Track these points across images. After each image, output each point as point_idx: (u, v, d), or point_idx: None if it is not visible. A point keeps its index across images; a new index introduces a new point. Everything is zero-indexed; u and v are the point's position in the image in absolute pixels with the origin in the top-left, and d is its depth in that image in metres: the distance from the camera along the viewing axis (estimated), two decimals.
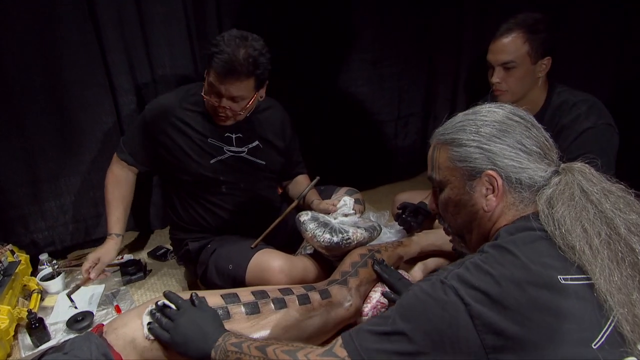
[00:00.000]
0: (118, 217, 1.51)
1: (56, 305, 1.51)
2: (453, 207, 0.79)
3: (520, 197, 0.74)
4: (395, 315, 0.69)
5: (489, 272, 0.65)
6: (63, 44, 1.61)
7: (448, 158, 0.77)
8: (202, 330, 0.91)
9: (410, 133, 2.44)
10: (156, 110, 1.45)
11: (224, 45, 1.26)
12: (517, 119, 0.75)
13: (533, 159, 0.73)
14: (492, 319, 0.62)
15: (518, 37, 1.32)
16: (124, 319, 1.05)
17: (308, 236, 1.35)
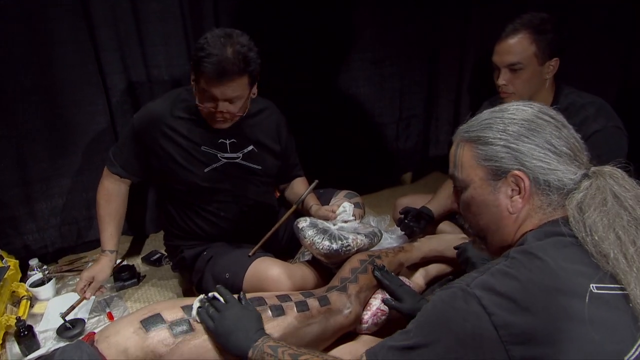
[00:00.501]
0: (111, 233, 1.45)
1: (46, 312, 1.47)
2: (475, 208, 0.76)
3: (548, 200, 0.70)
4: (416, 328, 0.67)
5: (516, 279, 0.62)
6: (55, 42, 1.58)
7: (472, 156, 0.74)
8: (245, 327, 0.94)
9: (411, 135, 2.41)
10: (146, 119, 1.38)
11: (210, 48, 1.19)
12: (547, 118, 0.72)
13: (563, 160, 0.70)
14: (519, 329, 0.59)
15: (525, 37, 1.29)
16: (117, 326, 1.01)
17: (307, 243, 1.33)
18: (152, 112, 1.38)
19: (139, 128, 1.38)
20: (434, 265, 1.51)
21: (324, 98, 2.11)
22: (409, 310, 1.13)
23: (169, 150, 1.37)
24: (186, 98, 1.39)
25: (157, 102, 1.42)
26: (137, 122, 1.39)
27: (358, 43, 2.07)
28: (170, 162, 1.38)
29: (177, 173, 1.39)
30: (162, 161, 1.39)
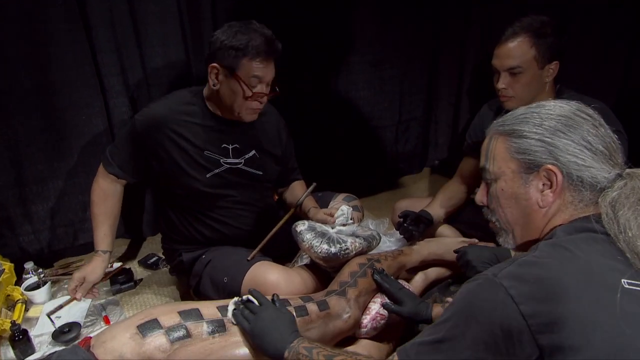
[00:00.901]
0: (105, 233, 1.42)
1: (41, 316, 1.46)
2: (505, 200, 0.76)
3: (580, 196, 0.70)
4: (444, 321, 0.67)
5: (545, 269, 0.62)
6: (52, 43, 1.56)
7: (506, 149, 0.75)
8: (280, 329, 0.95)
9: (411, 138, 2.41)
10: (148, 121, 1.34)
11: (249, 32, 1.23)
12: (585, 116, 0.72)
13: (598, 158, 0.70)
14: (547, 318, 0.58)
15: (524, 41, 1.29)
16: (113, 331, 1.00)
17: (305, 247, 1.32)
18: (155, 114, 1.35)
19: (141, 129, 1.34)
20: (433, 269, 1.51)
21: (324, 101, 2.11)
22: (409, 313, 1.12)
23: (172, 153, 1.34)
24: (191, 101, 1.36)
25: (160, 103, 1.38)
26: (139, 123, 1.35)
27: (358, 46, 2.07)
28: (172, 165, 1.35)
29: (179, 177, 1.36)
30: (164, 164, 1.36)
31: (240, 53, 1.23)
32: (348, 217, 1.42)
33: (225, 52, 1.24)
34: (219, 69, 1.27)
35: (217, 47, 1.25)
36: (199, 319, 1.01)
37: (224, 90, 1.29)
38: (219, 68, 1.26)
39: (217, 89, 1.30)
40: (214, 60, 1.27)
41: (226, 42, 1.24)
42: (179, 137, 1.34)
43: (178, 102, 1.37)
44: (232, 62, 1.24)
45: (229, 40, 1.23)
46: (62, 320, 1.43)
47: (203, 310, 1.03)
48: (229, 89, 1.28)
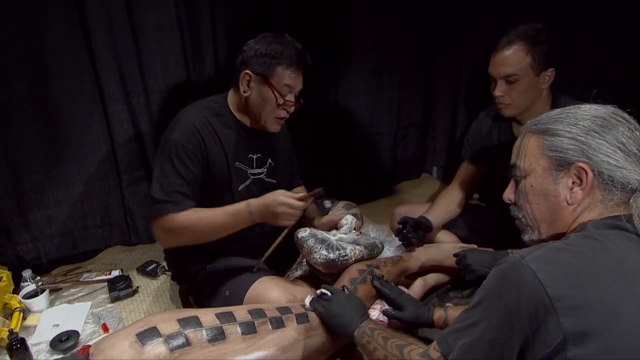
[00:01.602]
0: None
1: (39, 324, 1.45)
2: (533, 196, 0.78)
3: (610, 195, 0.71)
4: (474, 305, 0.70)
5: (576, 255, 0.63)
6: (51, 51, 1.57)
7: (538, 146, 0.77)
8: (351, 312, 1.05)
9: (409, 144, 2.42)
10: (192, 133, 1.25)
11: (283, 43, 1.26)
12: (620, 119, 0.73)
13: (631, 160, 0.71)
14: (574, 302, 0.60)
15: (520, 49, 1.29)
16: (112, 340, 0.99)
17: (305, 252, 1.32)
18: (194, 125, 1.26)
19: (189, 144, 1.24)
20: (432, 275, 1.50)
21: (324, 107, 2.11)
22: (410, 318, 1.13)
23: (209, 165, 1.29)
24: (219, 111, 1.33)
25: (191, 114, 1.29)
26: (185, 140, 1.23)
27: (357, 54, 2.09)
28: (209, 176, 1.30)
29: (213, 189, 1.32)
30: (208, 173, 1.30)
31: (275, 61, 1.25)
32: (351, 227, 1.42)
33: (259, 59, 1.25)
34: (252, 76, 1.27)
35: (252, 54, 1.26)
36: (198, 327, 1.01)
37: (254, 97, 1.29)
38: (251, 75, 1.27)
39: (247, 95, 1.29)
40: (246, 67, 1.27)
41: (261, 50, 1.25)
42: (215, 149, 1.30)
43: (208, 114, 1.31)
44: (265, 70, 1.25)
45: (264, 48, 1.25)
46: (60, 328, 1.42)
47: (202, 317, 1.03)
48: (260, 96, 1.28)
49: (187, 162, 1.23)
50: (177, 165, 1.22)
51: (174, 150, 1.22)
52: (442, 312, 1.11)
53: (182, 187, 1.23)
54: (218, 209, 1.24)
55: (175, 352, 0.96)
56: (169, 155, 1.22)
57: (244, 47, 1.30)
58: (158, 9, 1.68)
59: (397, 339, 0.88)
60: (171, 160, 1.22)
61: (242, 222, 1.24)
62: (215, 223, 1.22)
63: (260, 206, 1.22)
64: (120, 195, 1.86)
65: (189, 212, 1.22)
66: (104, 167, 1.79)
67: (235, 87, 1.32)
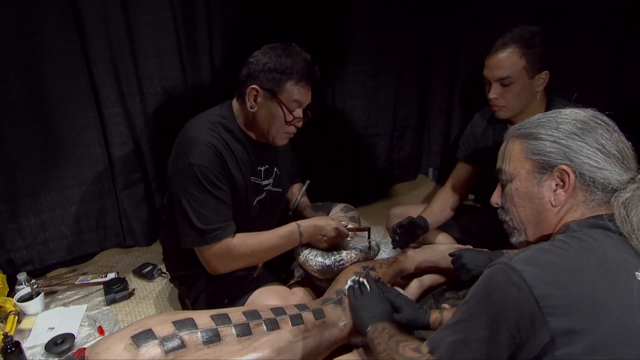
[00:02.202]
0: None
1: (34, 327, 1.44)
2: (518, 199, 0.80)
3: (592, 196, 0.73)
4: (463, 306, 0.71)
5: (561, 255, 0.65)
6: (46, 54, 1.56)
7: (522, 150, 0.79)
8: (375, 310, 1.09)
9: (405, 146, 2.43)
10: (212, 154, 1.19)
11: (292, 55, 1.21)
12: (599, 121, 0.76)
13: (610, 161, 0.73)
14: (560, 301, 0.61)
15: (514, 52, 1.30)
16: (107, 342, 0.99)
17: (300, 260, 1.34)
18: (212, 145, 1.20)
19: (214, 165, 1.19)
20: (428, 276, 1.51)
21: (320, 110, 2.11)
22: (407, 319, 1.13)
23: (235, 181, 1.26)
24: (228, 126, 1.27)
25: (206, 134, 1.21)
26: (208, 162, 1.18)
27: (354, 56, 2.09)
28: (234, 192, 1.27)
29: (237, 204, 1.28)
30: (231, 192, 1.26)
31: (285, 77, 1.20)
32: None
33: (268, 74, 1.20)
34: (259, 91, 1.21)
35: (259, 69, 1.20)
36: (193, 329, 1.01)
37: (262, 113, 1.24)
38: (259, 90, 1.21)
39: (254, 111, 1.24)
40: (253, 82, 1.21)
41: (270, 65, 1.19)
42: (233, 166, 1.26)
43: (222, 130, 1.25)
44: (274, 85, 1.20)
45: (273, 62, 1.19)
46: (55, 331, 1.42)
47: (197, 319, 1.03)
48: (267, 112, 1.24)
49: (218, 183, 1.19)
50: (210, 190, 1.18)
51: (200, 174, 1.16)
52: (438, 315, 1.11)
53: (223, 209, 1.20)
54: (270, 232, 1.28)
55: (170, 355, 0.96)
56: (199, 181, 1.16)
57: (250, 59, 1.24)
58: (154, 11, 1.67)
59: (399, 336, 0.91)
60: (203, 186, 1.17)
61: (293, 243, 1.31)
62: (271, 246, 1.27)
63: (310, 227, 1.32)
64: (115, 198, 1.86)
65: (243, 236, 1.23)
66: (99, 170, 1.78)
67: (240, 100, 1.27)
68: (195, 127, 1.25)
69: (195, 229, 1.18)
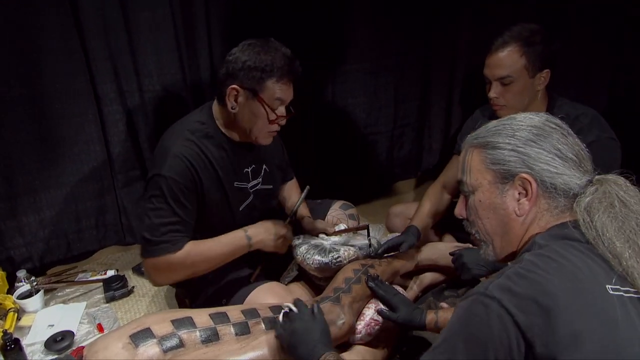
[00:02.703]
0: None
1: (34, 324, 1.45)
2: (482, 211, 0.78)
3: (555, 203, 0.72)
4: (443, 342, 0.68)
5: (534, 280, 0.62)
6: (45, 51, 1.56)
7: (481, 160, 0.77)
8: (312, 340, 0.96)
9: (405, 144, 2.42)
10: (185, 167, 1.17)
11: (271, 51, 1.16)
12: (554, 126, 0.75)
13: (568, 165, 0.72)
14: (541, 329, 0.59)
15: (514, 50, 1.29)
16: (105, 341, 0.99)
17: (299, 260, 1.33)
18: (185, 157, 1.17)
19: (182, 179, 1.16)
20: (428, 274, 1.51)
21: (321, 108, 2.11)
22: (404, 319, 1.13)
23: (212, 192, 1.24)
24: (207, 132, 1.24)
25: (181, 144, 1.19)
26: (177, 175, 1.15)
27: (354, 54, 2.08)
28: (211, 204, 1.25)
29: (216, 215, 1.26)
30: (206, 206, 1.24)
31: (266, 75, 1.16)
32: None
33: (248, 72, 1.15)
34: (239, 91, 1.17)
35: (238, 67, 1.16)
36: (192, 328, 1.01)
37: (243, 113, 1.20)
38: (239, 90, 1.17)
39: (235, 112, 1.20)
40: (233, 82, 1.17)
41: (249, 63, 1.15)
42: (209, 177, 1.23)
43: (197, 138, 1.22)
44: (255, 84, 1.16)
45: (252, 60, 1.15)
46: (55, 328, 1.42)
47: (196, 318, 1.03)
48: (249, 112, 1.20)
49: (181, 199, 1.16)
50: (171, 204, 1.14)
51: (166, 187, 1.14)
52: (434, 315, 1.11)
53: (177, 225, 1.16)
54: (214, 241, 1.21)
55: (168, 354, 0.96)
56: (162, 193, 1.14)
57: (228, 56, 1.20)
58: (153, 8, 1.66)
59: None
60: (164, 198, 1.14)
61: (240, 249, 1.24)
62: (215, 255, 1.21)
63: (259, 227, 1.26)
64: (114, 195, 1.85)
65: (187, 248, 1.17)
66: (98, 168, 1.78)
67: (221, 102, 1.23)
68: (171, 136, 1.23)
69: (145, 239, 1.16)
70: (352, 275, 1.27)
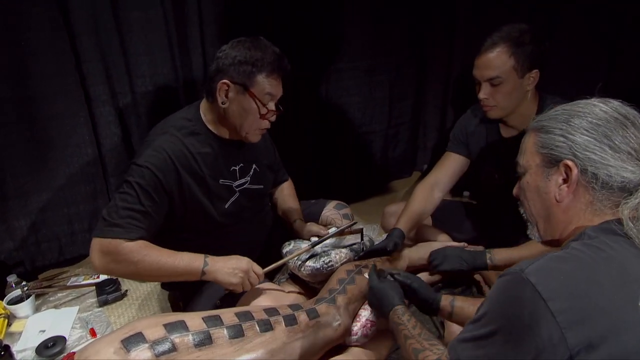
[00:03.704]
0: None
1: (25, 330, 1.43)
2: (529, 193, 0.80)
3: (598, 196, 0.71)
4: (481, 318, 0.69)
5: (577, 266, 0.62)
6: (34, 52, 1.54)
7: (534, 143, 0.78)
8: (393, 296, 1.06)
9: (400, 142, 2.42)
10: (167, 162, 1.16)
11: (262, 48, 1.17)
12: (615, 115, 0.72)
13: (619, 157, 0.69)
14: (576, 315, 0.59)
15: (503, 51, 1.28)
16: (96, 346, 0.97)
17: (291, 267, 1.33)
18: (169, 153, 1.17)
19: (161, 174, 1.15)
20: (423, 274, 1.50)
21: (315, 107, 2.10)
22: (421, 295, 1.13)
23: (193, 190, 1.22)
24: (194, 129, 1.23)
25: (164, 139, 1.19)
26: (156, 169, 1.14)
27: (348, 53, 2.07)
28: (194, 202, 1.23)
29: (199, 213, 1.25)
30: (187, 203, 1.22)
31: (256, 69, 1.16)
32: None
33: (238, 67, 1.16)
34: (230, 86, 1.18)
35: (229, 62, 1.17)
36: (184, 332, 0.99)
37: (234, 108, 1.20)
38: (229, 85, 1.18)
39: (225, 107, 1.20)
40: (224, 77, 1.17)
41: (239, 57, 1.16)
42: (193, 175, 1.22)
43: (183, 135, 1.21)
44: (245, 79, 1.17)
45: (243, 55, 1.16)
46: (46, 334, 1.40)
47: (189, 322, 1.01)
48: (240, 107, 1.20)
49: (153, 194, 1.14)
50: (139, 192, 1.12)
51: (139, 175, 1.13)
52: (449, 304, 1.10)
53: (138, 213, 1.12)
54: (170, 252, 1.14)
55: (161, 358, 0.94)
56: (136, 181, 1.13)
57: (218, 53, 1.21)
58: (144, 8, 1.65)
59: (415, 341, 0.89)
60: (136, 185, 1.12)
61: (192, 272, 1.15)
62: (164, 264, 1.13)
63: (219, 259, 1.18)
64: (107, 198, 1.83)
65: (138, 243, 1.11)
66: (90, 171, 1.76)
67: (210, 99, 1.23)
68: (155, 132, 1.23)
69: (102, 218, 1.13)
70: (345, 277, 1.26)
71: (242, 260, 1.20)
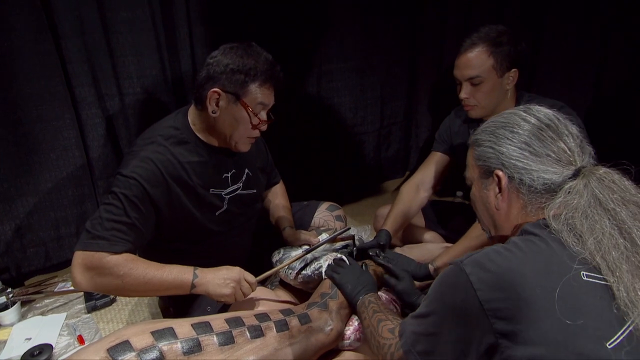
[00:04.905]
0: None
1: (10, 338, 1.40)
2: (477, 204, 0.84)
3: (527, 200, 0.74)
4: (425, 299, 0.77)
5: (507, 259, 0.66)
6: (18, 54, 1.50)
7: (473, 157, 0.82)
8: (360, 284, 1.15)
9: (393, 143, 2.41)
10: (155, 173, 1.13)
11: (254, 55, 1.13)
12: (533, 121, 0.76)
13: (541, 161, 0.73)
14: (503, 305, 0.63)
15: (482, 51, 1.32)
16: (82, 355, 0.94)
17: (281, 275, 1.32)
18: (157, 164, 1.14)
19: (148, 185, 1.11)
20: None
21: (306, 107, 2.08)
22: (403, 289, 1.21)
23: (183, 200, 1.19)
24: (182, 138, 1.20)
25: (152, 149, 1.15)
26: (143, 180, 1.10)
27: (339, 53, 2.06)
28: (184, 212, 1.20)
29: (190, 223, 1.22)
30: (177, 213, 1.19)
31: (249, 78, 1.13)
32: None
33: (230, 76, 1.12)
34: (221, 94, 1.14)
35: (220, 70, 1.13)
36: (173, 339, 0.97)
37: (224, 118, 1.17)
38: (220, 93, 1.14)
39: (216, 116, 1.16)
40: (214, 85, 1.13)
41: (232, 66, 1.12)
42: (186, 182, 1.19)
43: (170, 144, 1.18)
44: (238, 88, 1.13)
45: (235, 63, 1.12)
46: (32, 342, 1.37)
47: (177, 329, 0.99)
48: (231, 117, 1.16)
49: (139, 205, 1.10)
50: (126, 204, 1.08)
51: (125, 187, 1.09)
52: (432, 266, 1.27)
53: (124, 226, 1.08)
54: (157, 265, 1.10)
55: None
56: (122, 192, 1.09)
57: (208, 59, 1.16)
58: (131, 8, 1.62)
59: (380, 314, 0.97)
60: (122, 197, 1.08)
61: (181, 287, 1.12)
62: (151, 277, 1.08)
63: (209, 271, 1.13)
64: (95, 202, 1.80)
65: (124, 256, 1.07)
66: (77, 174, 1.72)
67: (199, 106, 1.19)
68: (142, 142, 1.19)
69: (86, 230, 1.08)
70: (328, 291, 1.24)
71: (233, 270, 1.15)
